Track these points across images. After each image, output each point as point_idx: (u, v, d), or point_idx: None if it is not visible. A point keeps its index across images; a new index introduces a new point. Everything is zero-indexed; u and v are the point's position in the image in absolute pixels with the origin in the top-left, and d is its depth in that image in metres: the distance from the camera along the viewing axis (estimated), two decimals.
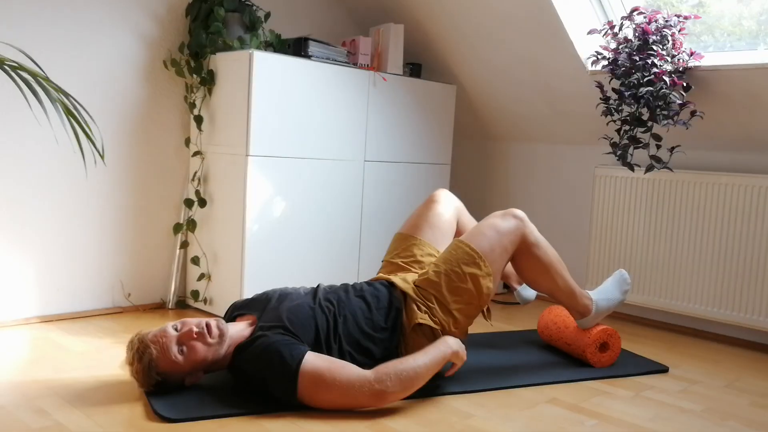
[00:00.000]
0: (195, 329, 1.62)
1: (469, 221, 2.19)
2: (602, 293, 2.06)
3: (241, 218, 2.39)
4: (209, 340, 1.63)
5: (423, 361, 1.64)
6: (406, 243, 2.05)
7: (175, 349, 1.60)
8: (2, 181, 2.22)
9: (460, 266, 1.82)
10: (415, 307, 1.80)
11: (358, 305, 1.79)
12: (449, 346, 1.70)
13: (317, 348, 1.68)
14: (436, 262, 1.88)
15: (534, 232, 1.92)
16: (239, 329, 1.72)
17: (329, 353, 1.69)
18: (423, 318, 1.77)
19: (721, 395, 1.92)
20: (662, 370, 2.09)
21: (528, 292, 2.30)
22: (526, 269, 1.95)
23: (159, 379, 1.61)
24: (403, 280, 1.88)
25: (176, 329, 1.64)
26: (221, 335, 1.65)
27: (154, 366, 1.59)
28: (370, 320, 1.77)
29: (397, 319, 1.79)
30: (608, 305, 2.04)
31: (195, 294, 2.59)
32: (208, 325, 1.64)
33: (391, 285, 1.88)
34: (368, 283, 1.90)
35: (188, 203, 2.59)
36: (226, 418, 1.56)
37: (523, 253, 1.91)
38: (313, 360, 1.58)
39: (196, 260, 2.58)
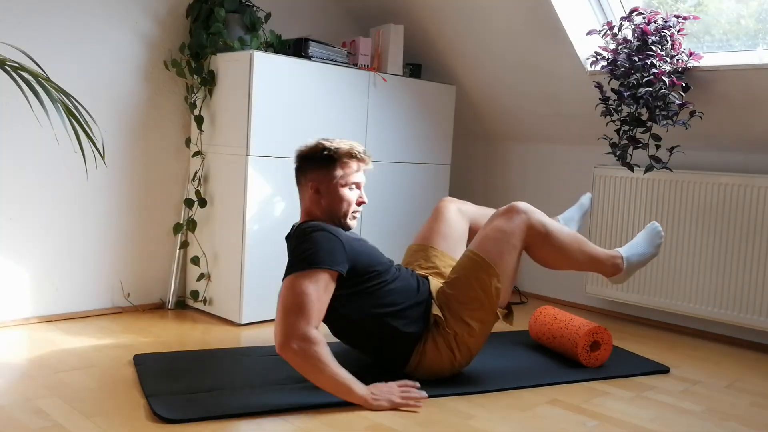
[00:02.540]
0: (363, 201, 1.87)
1: (480, 216, 2.17)
2: (633, 248, 2.03)
3: (241, 218, 2.39)
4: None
5: (333, 377, 1.60)
6: (426, 253, 2.07)
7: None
8: (2, 181, 2.21)
9: (468, 274, 1.82)
10: (436, 306, 1.84)
11: (411, 284, 1.86)
12: (360, 394, 1.63)
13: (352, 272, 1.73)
14: (448, 275, 1.91)
15: (540, 221, 1.87)
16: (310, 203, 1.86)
17: (358, 281, 1.75)
18: (436, 311, 1.81)
19: (722, 396, 1.92)
20: (663, 370, 2.09)
21: (569, 214, 2.32)
22: (542, 259, 1.93)
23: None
24: (434, 281, 1.92)
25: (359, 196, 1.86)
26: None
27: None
28: (407, 305, 1.81)
29: (425, 313, 1.83)
30: (640, 260, 2.02)
31: (194, 294, 2.59)
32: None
33: (426, 280, 1.92)
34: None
35: (188, 203, 2.59)
36: (225, 420, 1.55)
37: (534, 246, 1.88)
38: (314, 280, 1.64)
39: (195, 260, 2.58)
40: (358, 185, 1.86)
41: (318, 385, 1.64)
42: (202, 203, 2.55)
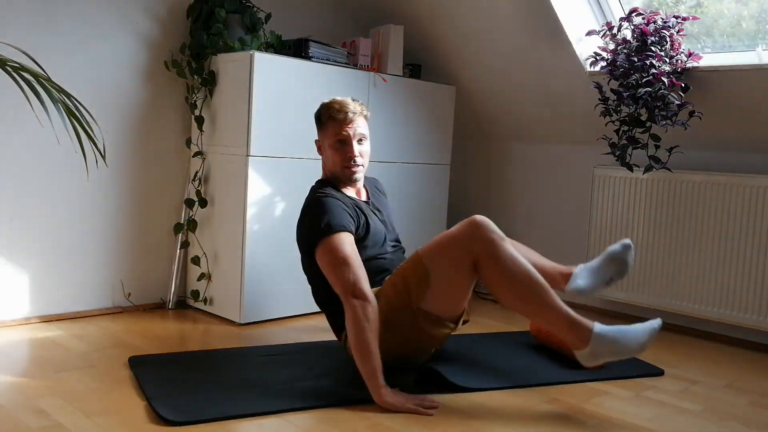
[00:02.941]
0: (354, 158, 1.92)
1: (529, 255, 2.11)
2: (615, 331, 1.66)
3: (241, 218, 2.39)
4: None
5: (371, 351, 1.65)
6: None
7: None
8: (3, 180, 2.22)
9: (402, 265, 1.83)
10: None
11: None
12: (381, 383, 1.65)
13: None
14: None
15: (489, 239, 1.70)
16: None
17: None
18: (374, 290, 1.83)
19: (721, 395, 1.92)
20: (657, 373, 2.07)
21: (578, 282, 1.98)
22: (486, 283, 1.75)
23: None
24: None
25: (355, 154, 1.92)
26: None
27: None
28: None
29: None
30: (613, 347, 1.64)
31: (195, 294, 2.59)
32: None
33: None
34: None
35: (189, 203, 2.59)
36: (226, 421, 1.56)
37: (480, 265, 1.72)
38: (342, 241, 1.75)
39: (196, 260, 2.58)
40: (343, 141, 1.90)
41: (356, 350, 1.66)
42: (203, 203, 2.55)
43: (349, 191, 2.00)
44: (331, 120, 1.92)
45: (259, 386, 1.76)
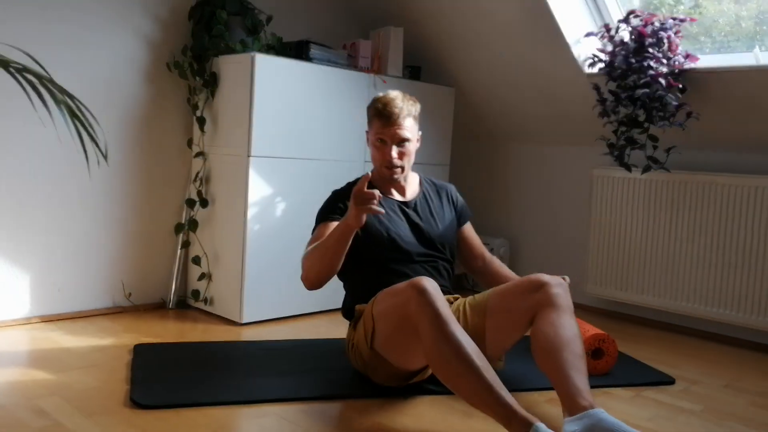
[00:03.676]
0: (391, 161, 1.89)
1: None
2: None
3: (242, 218, 2.40)
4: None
5: (322, 246, 1.72)
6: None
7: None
8: (5, 180, 2.23)
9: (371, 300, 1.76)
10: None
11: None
12: (344, 224, 1.67)
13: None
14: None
15: (419, 308, 1.50)
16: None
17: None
18: (362, 307, 1.83)
19: (721, 395, 1.93)
20: (668, 381, 2.01)
21: (574, 427, 1.41)
22: (423, 350, 1.56)
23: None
24: None
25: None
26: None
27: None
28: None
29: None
30: None
31: (195, 294, 2.60)
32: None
33: None
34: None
35: (190, 203, 2.60)
36: (214, 407, 1.57)
37: (418, 329, 1.53)
38: (322, 227, 1.82)
39: (197, 260, 2.59)
40: (384, 141, 1.86)
41: (332, 260, 1.72)
42: (204, 203, 2.56)
43: (391, 189, 1.95)
44: (376, 116, 1.87)
45: (249, 376, 1.81)
